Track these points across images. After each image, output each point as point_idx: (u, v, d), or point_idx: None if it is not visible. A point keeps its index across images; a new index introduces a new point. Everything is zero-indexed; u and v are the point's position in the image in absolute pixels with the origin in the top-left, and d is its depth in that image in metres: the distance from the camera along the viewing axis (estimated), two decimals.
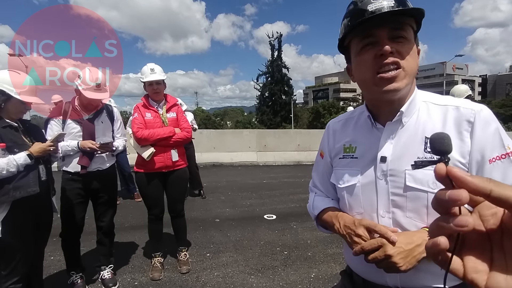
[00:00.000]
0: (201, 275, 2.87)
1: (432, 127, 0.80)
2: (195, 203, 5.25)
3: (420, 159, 0.78)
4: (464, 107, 0.79)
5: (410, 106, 0.83)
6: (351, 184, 0.90)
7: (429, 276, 0.80)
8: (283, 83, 39.40)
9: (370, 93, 0.84)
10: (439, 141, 0.40)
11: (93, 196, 2.63)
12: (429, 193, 0.76)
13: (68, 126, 2.45)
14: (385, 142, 0.85)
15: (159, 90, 2.77)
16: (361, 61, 0.80)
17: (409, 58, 0.76)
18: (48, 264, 3.01)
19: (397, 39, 0.75)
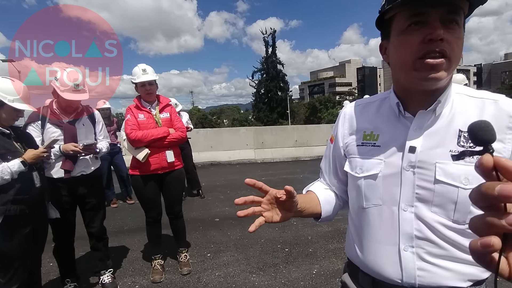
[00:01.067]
0: (202, 276, 2.85)
1: (466, 120, 0.74)
2: (194, 203, 5.22)
3: (453, 152, 0.72)
4: (503, 101, 0.74)
5: (446, 96, 0.76)
6: (372, 174, 0.82)
7: (449, 275, 0.75)
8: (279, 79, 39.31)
9: (406, 78, 0.75)
10: (483, 130, 0.36)
11: (80, 201, 2.58)
12: (460, 188, 0.71)
13: (48, 131, 2.37)
14: (414, 131, 0.78)
15: (151, 91, 2.74)
16: (405, 41, 0.71)
17: (456, 47, 0.69)
18: (47, 271, 2.98)
19: (450, 23, 0.68)
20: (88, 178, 2.54)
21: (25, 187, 1.97)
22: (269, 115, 38.47)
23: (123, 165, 5.40)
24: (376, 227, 0.83)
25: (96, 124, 2.66)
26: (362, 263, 0.87)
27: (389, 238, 0.80)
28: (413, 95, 0.79)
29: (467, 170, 0.70)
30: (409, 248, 0.77)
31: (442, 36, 0.66)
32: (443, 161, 0.73)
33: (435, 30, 0.66)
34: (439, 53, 0.68)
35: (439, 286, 0.75)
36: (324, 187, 1.03)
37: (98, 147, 2.55)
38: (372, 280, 0.85)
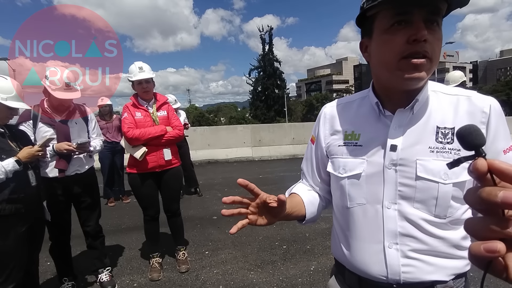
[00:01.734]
0: (200, 274, 2.85)
1: (443, 117, 0.77)
2: (191, 201, 5.22)
3: (432, 148, 0.75)
4: (476, 97, 0.77)
5: (423, 95, 0.78)
6: (355, 173, 0.83)
7: (432, 269, 0.77)
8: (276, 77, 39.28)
9: (389, 77, 0.76)
10: (472, 134, 0.35)
11: (75, 201, 2.57)
12: (440, 184, 0.74)
13: (40, 130, 2.34)
14: (394, 130, 0.79)
15: (148, 89, 2.72)
16: (389, 40, 0.71)
17: (437, 48, 0.71)
18: (45, 270, 2.97)
19: (431, 24, 0.69)
20: (82, 177, 2.52)
21: (20, 186, 1.95)
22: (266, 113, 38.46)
23: (121, 165, 5.42)
24: (361, 226, 0.84)
25: (89, 122, 2.63)
26: (348, 262, 0.87)
27: (373, 236, 0.81)
28: (392, 94, 0.80)
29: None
30: (393, 245, 0.78)
31: (426, 37, 0.67)
32: (423, 157, 0.75)
33: (420, 30, 0.67)
34: (422, 54, 0.69)
35: (423, 281, 0.77)
36: (307, 189, 1.02)
37: (92, 145, 2.53)
38: (359, 279, 0.86)
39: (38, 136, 2.32)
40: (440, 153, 0.74)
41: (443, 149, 0.74)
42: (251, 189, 0.76)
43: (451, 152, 0.74)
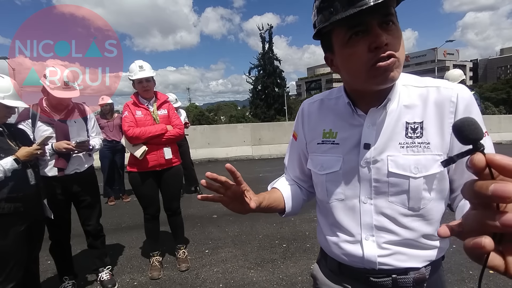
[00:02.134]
0: (200, 272, 2.86)
1: (413, 111, 0.79)
2: (191, 200, 5.22)
3: (402, 144, 0.77)
4: (445, 87, 0.77)
5: (394, 92, 0.80)
6: (333, 171, 0.86)
7: (406, 258, 0.81)
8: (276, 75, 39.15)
9: (362, 85, 0.77)
10: (470, 128, 0.34)
11: (75, 200, 2.57)
12: (411, 178, 0.76)
13: (39, 129, 2.34)
14: (368, 129, 0.81)
15: (149, 88, 2.72)
16: (352, 53, 0.72)
17: (399, 46, 0.72)
18: (45, 268, 2.97)
19: (387, 25, 0.70)
20: (82, 175, 2.52)
21: (19, 185, 1.95)
22: (266, 112, 38.36)
23: (122, 164, 5.42)
24: (340, 219, 0.87)
25: (88, 121, 2.63)
26: (330, 250, 0.93)
27: (352, 229, 0.85)
28: (364, 95, 0.82)
29: (416, 160, 0.76)
30: (370, 237, 0.82)
31: (386, 42, 0.68)
32: (393, 153, 0.78)
33: (378, 37, 0.67)
34: (387, 56, 0.69)
35: (397, 268, 0.82)
36: (288, 183, 1.05)
37: (91, 144, 2.52)
38: (339, 264, 0.91)
39: (37, 135, 2.31)
40: (410, 147, 0.77)
41: (413, 143, 0.77)
42: (236, 176, 0.79)
43: (420, 146, 0.76)
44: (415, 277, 0.81)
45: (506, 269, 0.32)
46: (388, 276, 0.82)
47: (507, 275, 0.32)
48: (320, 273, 1.00)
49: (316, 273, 1.02)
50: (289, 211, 1.00)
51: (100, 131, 2.81)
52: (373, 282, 0.84)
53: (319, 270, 1.01)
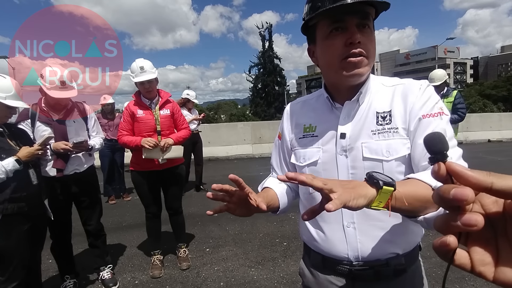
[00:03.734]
0: (201, 271, 2.87)
1: (382, 103, 0.89)
2: (192, 199, 5.23)
3: (374, 131, 0.86)
4: (409, 82, 0.89)
5: (366, 88, 0.90)
6: (313, 161, 0.94)
7: (387, 245, 0.87)
8: (276, 73, 39.07)
9: (334, 76, 0.88)
10: (435, 142, 0.40)
11: (75, 200, 2.57)
12: (383, 161, 0.84)
13: (38, 129, 2.33)
14: (343, 119, 0.91)
15: (151, 89, 2.72)
16: (330, 45, 0.84)
17: (371, 47, 0.83)
18: (47, 268, 2.98)
19: (363, 28, 0.81)
20: (82, 176, 2.51)
21: (22, 185, 1.96)
22: (267, 110, 38.32)
23: (122, 163, 5.42)
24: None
25: (88, 120, 2.62)
26: (313, 243, 0.97)
27: (334, 217, 0.90)
28: (340, 89, 0.92)
29: (387, 144, 0.84)
30: (351, 224, 0.88)
31: (359, 39, 0.79)
32: (367, 140, 0.86)
33: (353, 34, 0.79)
34: (358, 53, 0.81)
35: (378, 258, 0.87)
36: (278, 182, 1.08)
37: (90, 143, 2.51)
38: (322, 258, 0.96)
39: (37, 135, 2.31)
40: (381, 133, 0.86)
41: (383, 130, 0.86)
42: (240, 183, 0.81)
43: (390, 131, 0.85)
44: (396, 268, 0.87)
45: (472, 267, 0.34)
46: (371, 267, 0.87)
47: (473, 272, 0.34)
48: (306, 270, 1.04)
49: (303, 270, 1.07)
50: (282, 208, 1.03)
51: (101, 130, 2.80)
52: (356, 274, 0.88)
53: (305, 267, 1.06)
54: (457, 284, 2.48)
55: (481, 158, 7.72)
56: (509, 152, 8.64)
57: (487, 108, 31.87)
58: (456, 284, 2.49)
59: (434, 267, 2.67)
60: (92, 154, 2.64)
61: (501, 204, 0.33)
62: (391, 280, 0.88)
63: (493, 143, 10.90)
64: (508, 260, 0.33)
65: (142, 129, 2.68)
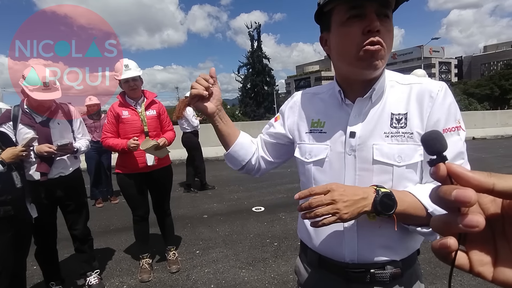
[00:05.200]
0: (191, 273, 2.83)
1: (397, 104, 0.84)
2: (182, 200, 5.18)
3: (387, 134, 0.81)
4: (427, 83, 0.83)
5: (380, 84, 0.84)
6: (320, 159, 0.90)
7: (385, 251, 0.84)
8: (265, 73, 39.17)
9: (349, 66, 0.82)
10: (434, 141, 0.38)
11: (60, 204, 2.49)
12: (395, 166, 0.80)
13: (20, 132, 2.24)
14: (354, 118, 0.86)
15: (136, 87, 2.65)
16: (347, 33, 0.78)
17: (389, 39, 0.78)
18: (31, 274, 2.89)
19: (383, 17, 0.76)
20: (67, 179, 2.44)
21: (6, 188, 1.90)
22: (256, 110, 38.38)
23: (108, 165, 5.32)
24: None
25: (73, 122, 2.53)
26: (311, 242, 0.94)
27: None
28: (352, 84, 0.87)
29: (400, 149, 0.80)
30: (351, 227, 0.85)
31: (378, 28, 0.74)
32: (378, 142, 0.82)
33: (372, 22, 0.74)
34: (376, 42, 0.75)
35: (376, 262, 0.84)
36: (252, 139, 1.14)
37: (75, 146, 2.43)
38: (319, 257, 0.93)
39: (19, 137, 2.23)
40: (394, 137, 0.81)
41: (397, 133, 0.81)
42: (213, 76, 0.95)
43: (404, 135, 0.80)
44: (392, 272, 0.84)
45: (471, 267, 0.34)
46: (367, 270, 0.85)
47: (472, 272, 0.34)
48: (302, 268, 1.03)
49: (298, 268, 1.05)
50: (232, 153, 1.06)
51: (87, 132, 2.72)
52: (351, 276, 0.86)
53: (301, 265, 1.04)
54: (445, 280, 2.52)
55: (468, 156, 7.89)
56: (492, 149, 8.89)
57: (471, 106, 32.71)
58: (444, 279, 2.53)
59: (423, 264, 2.71)
60: (78, 157, 2.57)
61: (499, 203, 0.33)
62: (387, 283, 0.86)
63: (478, 140, 11.19)
64: (507, 260, 0.33)
65: (128, 131, 2.62)
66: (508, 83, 43.02)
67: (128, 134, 2.63)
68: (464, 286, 2.46)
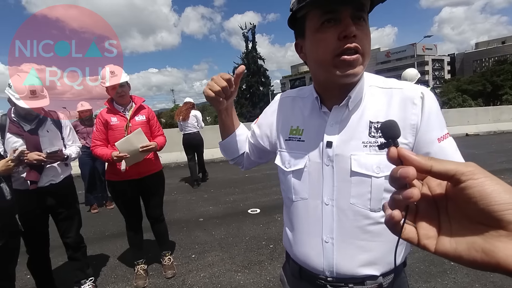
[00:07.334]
0: (187, 278, 2.82)
1: (377, 111, 0.80)
2: (177, 204, 5.16)
3: (365, 143, 0.78)
4: (408, 89, 0.80)
5: (357, 91, 0.81)
6: (298, 169, 0.87)
7: (364, 266, 0.81)
8: (260, 74, 39.19)
9: (326, 74, 0.79)
10: (388, 128, 0.44)
11: (52, 212, 2.46)
12: (373, 177, 0.77)
13: (9, 141, 2.21)
14: (331, 126, 0.83)
15: (123, 93, 2.62)
16: (322, 39, 0.74)
17: (366, 43, 0.74)
18: (25, 284, 2.88)
19: (358, 20, 0.73)
20: (58, 187, 2.41)
21: None
22: (252, 111, 38.36)
23: (103, 170, 5.28)
24: (303, 220, 0.88)
25: (63, 129, 2.51)
26: (292, 252, 0.94)
27: (314, 230, 0.85)
28: (329, 90, 0.84)
29: (379, 160, 0.77)
30: (330, 239, 0.83)
31: (355, 33, 0.70)
32: (357, 152, 0.79)
33: (348, 27, 0.70)
34: (354, 49, 0.72)
35: (354, 276, 0.82)
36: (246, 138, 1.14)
37: (66, 153, 2.41)
38: (300, 268, 0.92)
39: (7, 147, 2.20)
40: (373, 147, 0.78)
41: (376, 143, 0.77)
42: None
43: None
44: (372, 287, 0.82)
45: (418, 240, 0.39)
46: (345, 285, 0.83)
47: (419, 245, 0.39)
48: (285, 278, 1.03)
49: (283, 277, 1.05)
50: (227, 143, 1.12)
51: (77, 139, 2.69)
52: None
53: (284, 275, 1.04)
54: (439, 278, 2.54)
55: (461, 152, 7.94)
56: (485, 146, 8.96)
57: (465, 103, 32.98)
58: (438, 278, 2.54)
59: (417, 262, 2.73)
60: (68, 164, 2.54)
61: (443, 186, 0.38)
62: None
63: (471, 136, 11.28)
64: (446, 233, 0.38)
65: (117, 137, 2.59)
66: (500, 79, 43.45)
67: (117, 141, 2.60)
68: (458, 283, 2.47)
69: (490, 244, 0.33)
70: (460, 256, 0.35)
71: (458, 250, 0.35)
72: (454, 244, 0.36)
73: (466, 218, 0.36)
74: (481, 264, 0.34)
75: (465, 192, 0.34)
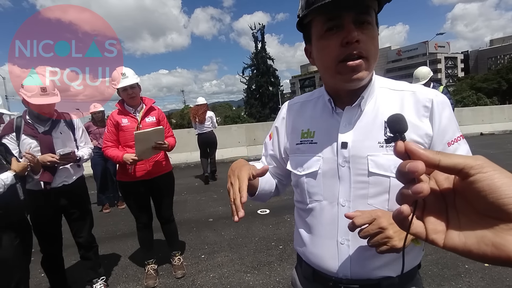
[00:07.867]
0: (196, 278, 2.83)
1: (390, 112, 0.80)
2: (187, 204, 5.19)
3: (381, 143, 0.78)
4: (420, 92, 0.80)
5: (369, 92, 0.82)
6: (312, 171, 0.86)
7: (380, 268, 0.81)
8: (269, 74, 39.17)
9: (331, 80, 0.81)
10: (395, 122, 0.45)
11: (65, 212, 2.51)
12: (391, 178, 0.76)
13: (24, 142, 2.27)
14: (344, 127, 0.83)
15: (134, 95, 2.65)
16: (325, 46, 0.75)
17: (372, 46, 0.74)
18: (39, 282, 2.94)
19: (362, 24, 0.72)
20: (71, 188, 2.46)
21: (11, 200, 1.93)
22: (261, 111, 38.39)
23: (115, 171, 5.36)
24: (318, 222, 0.87)
25: (76, 130, 2.56)
26: (305, 255, 0.92)
27: (329, 232, 0.84)
28: (340, 93, 0.84)
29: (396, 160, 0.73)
30: (345, 241, 0.82)
31: (357, 38, 0.70)
32: (373, 153, 0.78)
33: (350, 33, 0.70)
34: (357, 55, 0.72)
35: (370, 278, 0.81)
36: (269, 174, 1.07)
37: (78, 154, 2.46)
38: (313, 271, 0.90)
39: (23, 148, 2.26)
40: (390, 147, 0.77)
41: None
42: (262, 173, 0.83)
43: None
44: None
45: (426, 235, 0.39)
46: (361, 286, 0.82)
47: (427, 240, 0.39)
48: (297, 281, 1.01)
49: (295, 280, 1.03)
50: (260, 193, 0.98)
51: (89, 140, 2.74)
52: None
53: (296, 278, 1.02)
54: (453, 281, 2.48)
55: (475, 152, 7.56)
56: (501, 145, 8.72)
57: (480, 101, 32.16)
58: (452, 281, 2.48)
59: (430, 265, 2.67)
60: (81, 165, 2.59)
61: (451, 180, 0.38)
62: None
63: (486, 136, 10.99)
64: (455, 227, 0.37)
65: (128, 138, 2.62)
66: None
67: (128, 142, 2.63)
68: (472, 287, 2.41)
69: (501, 238, 0.33)
70: (470, 250, 0.35)
71: (467, 244, 0.35)
72: (463, 238, 0.36)
73: (475, 212, 0.35)
74: (491, 258, 0.33)
75: (474, 186, 0.34)
